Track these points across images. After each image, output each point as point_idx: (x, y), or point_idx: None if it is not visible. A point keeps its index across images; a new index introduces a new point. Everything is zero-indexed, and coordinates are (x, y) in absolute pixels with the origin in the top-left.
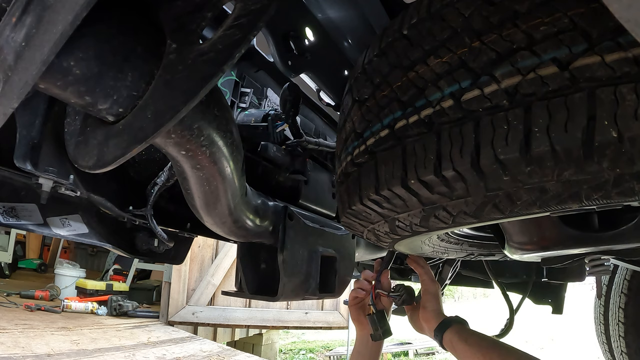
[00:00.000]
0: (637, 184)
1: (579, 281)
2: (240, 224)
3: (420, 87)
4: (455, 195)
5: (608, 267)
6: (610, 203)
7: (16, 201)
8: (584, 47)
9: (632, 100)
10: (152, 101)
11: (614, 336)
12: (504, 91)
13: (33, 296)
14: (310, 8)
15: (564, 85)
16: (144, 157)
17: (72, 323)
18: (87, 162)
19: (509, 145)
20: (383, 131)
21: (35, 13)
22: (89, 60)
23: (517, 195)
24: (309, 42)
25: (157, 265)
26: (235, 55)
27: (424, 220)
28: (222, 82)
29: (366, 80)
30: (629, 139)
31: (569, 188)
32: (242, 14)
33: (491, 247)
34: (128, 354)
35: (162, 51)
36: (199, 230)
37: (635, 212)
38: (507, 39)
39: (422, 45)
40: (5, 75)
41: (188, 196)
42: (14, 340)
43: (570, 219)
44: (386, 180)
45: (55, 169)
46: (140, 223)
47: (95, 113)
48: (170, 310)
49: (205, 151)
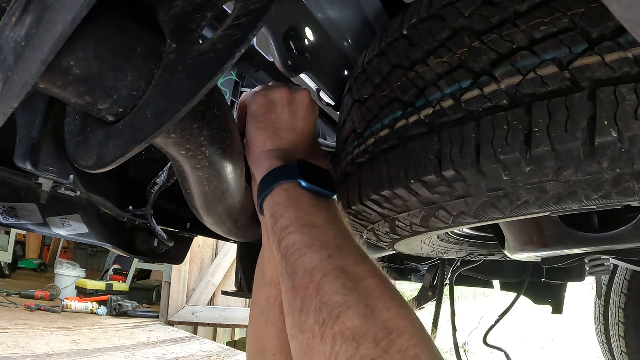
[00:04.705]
0: (637, 184)
1: (579, 281)
2: (240, 224)
3: (421, 87)
4: (455, 195)
5: (608, 267)
6: (610, 203)
7: (16, 201)
8: (584, 47)
9: (632, 100)
10: (152, 101)
11: (614, 336)
12: (504, 91)
13: (33, 296)
14: (310, 8)
15: (564, 86)
16: (144, 157)
17: (72, 323)
18: (87, 162)
19: (509, 145)
20: (383, 131)
21: (35, 13)
22: (89, 60)
23: (517, 195)
24: (309, 42)
25: (157, 265)
26: (235, 55)
27: (424, 220)
28: (222, 82)
29: (366, 80)
30: (629, 139)
31: (568, 188)
32: (242, 14)
33: (491, 247)
34: (128, 354)
35: (162, 51)
36: (199, 230)
37: (635, 212)
38: (507, 39)
39: (422, 45)
40: (5, 75)
41: (188, 196)
42: (14, 340)
43: (570, 219)
44: (386, 180)
45: (55, 169)
46: (140, 223)
47: (95, 113)
48: (170, 310)
49: (205, 151)
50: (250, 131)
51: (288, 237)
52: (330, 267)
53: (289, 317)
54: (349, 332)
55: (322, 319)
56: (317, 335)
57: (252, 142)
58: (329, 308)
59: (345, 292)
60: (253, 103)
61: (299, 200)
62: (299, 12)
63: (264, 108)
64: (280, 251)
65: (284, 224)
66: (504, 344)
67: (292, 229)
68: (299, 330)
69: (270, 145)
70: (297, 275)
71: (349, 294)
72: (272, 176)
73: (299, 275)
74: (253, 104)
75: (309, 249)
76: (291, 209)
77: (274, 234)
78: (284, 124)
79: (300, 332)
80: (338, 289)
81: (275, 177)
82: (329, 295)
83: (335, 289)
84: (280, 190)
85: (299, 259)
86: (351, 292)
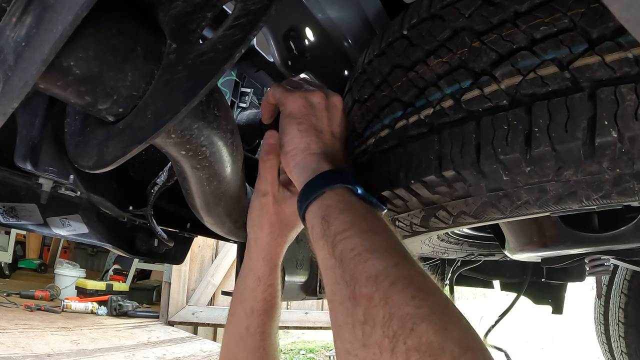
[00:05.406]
0: (637, 184)
1: (579, 281)
2: (240, 224)
3: (421, 87)
4: (455, 195)
5: (608, 267)
6: (610, 203)
7: (16, 201)
8: (584, 47)
9: (632, 100)
10: (152, 101)
11: (614, 336)
12: (504, 91)
13: (33, 296)
14: (310, 8)
15: (564, 86)
16: (144, 157)
17: (72, 323)
18: (87, 162)
19: (509, 145)
20: (383, 131)
21: (35, 13)
22: (89, 60)
23: (517, 195)
24: (309, 42)
25: (157, 265)
26: (235, 55)
27: (424, 220)
28: (222, 82)
29: (366, 80)
30: (629, 139)
31: (569, 188)
32: (242, 14)
33: (491, 247)
34: (128, 354)
35: (162, 51)
36: (199, 230)
37: (635, 212)
38: (507, 39)
39: (422, 45)
40: (5, 75)
41: (188, 196)
42: (14, 340)
43: (571, 219)
44: (386, 180)
45: (55, 169)
46: (140, 223)
47: (95, 113)
48: (170, 310)
49: (205, 151)
50: (290, 132)
51: (345, 241)
52: (397, 274)
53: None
54: (424, 348)
55: (392, 331)
56: (386, 350)
57: (293, 143)
58: (400, 320)
59: (416, 304)
60: (291, 103)
61: (354, 205)
62: (299, 12)
63: (305, 109)
64: (335, 256)
65: (339, 228)
66: (504, 344)
67: (349, 233)
68: (362, 345)
69: (315, 148)
70: (357, 282)
71: (420, 305)
72: (323, 179)
73: (359, 282)
74: (291, 103)
75: (371, 254)
76: (346, 213)
77: (325, 238)
78: (325, 128)
79: (362, 347)
80: (408, 300)
81: (326, 180)
82: (399, 306)
83: (405, 299)
84: (333, 194)
85: (359, 264)
86: (422, 303)
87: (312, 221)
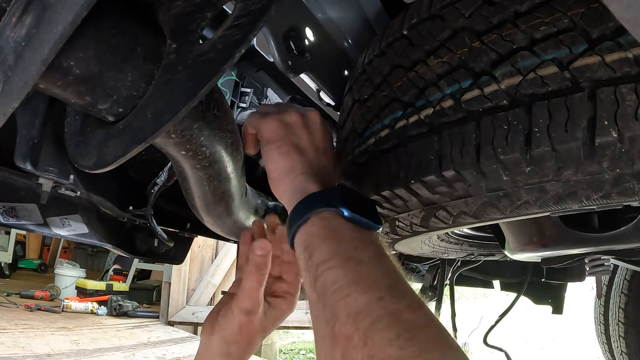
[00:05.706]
0: (637, 184)
1: (579, 281)
2: (240, 224)
3: (421, 87)
4: (455, 195)
5: (608, 267)
6: (610, 203)
7: (16, 201)
8: (584, 47)
9: (632, 100)
10: (152, 101)
11: (614, 336)
12: (504, 91)
13: (33, 296)
14: (310, 8)
15: (564, 86)
16: (144, 157)
17: (72, 323)
18: (87, 162)
19: (509, 145)
20: (383, 131)
21: (35, 13)
22: (89, 60)
23: (517, 195)
24: (309, 42)
25: (157, 265)
26: (235, 55)
27: (424, 220)
28: (222, 82)
29: (366, 80)
30: (629, 139)
31: (569, 188)
32: (242, 14)
33: (491, 247)
34: (128, 354)
35: (162, 51)
36: (199, 230)
37: (635, 212)
38: (507, 39)
39: (422, 45)
40: (5, 75)
41: (188, 196)
42: (14, 340)
43: (571, 219)
44: (386, 180)
45: (55, 169)
46: (140, 223)
47: (95, 113)
48: (170, 310)
49: (205, 151)
50: (271, 157)
51: (327, 273)
52: (381, 311)
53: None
54: None
55: None
56: None
57: (277, 169)
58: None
59: (400, 344)
60: (266, 128)
61: (340, 231)
62: (299, 12)
63: (281, 131)
64: (316, 290)
65: (320, 258)
66: (504, 344)
67: (332, 263)
68: None
69: (301, 169)
70: (337, 320)
71: (404, 346)
72: (307, 203)
73: (340, 320)
74: (266, 128)
75: (354, 287)
76: (329, 241)
77: (307, 270)
78: (306, 145)
79: None
80: (392, 339)
81: (310, 204)
82: (380, 347)
83: (388, 338)
84: (317, 219)
85: (340, 299)
86: (407, 344)
87: (297, 251)
